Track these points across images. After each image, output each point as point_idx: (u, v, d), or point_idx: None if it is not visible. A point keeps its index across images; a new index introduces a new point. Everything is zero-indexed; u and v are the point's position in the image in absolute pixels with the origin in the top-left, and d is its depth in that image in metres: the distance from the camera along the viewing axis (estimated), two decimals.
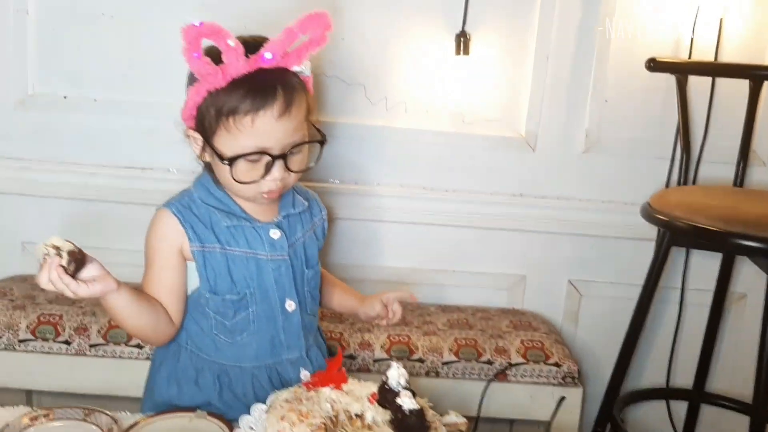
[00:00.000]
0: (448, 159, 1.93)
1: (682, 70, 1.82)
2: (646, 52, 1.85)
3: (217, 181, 1.21)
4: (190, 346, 1.24)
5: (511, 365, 1.22)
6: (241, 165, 1.14)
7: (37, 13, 1.81)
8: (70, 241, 1.06)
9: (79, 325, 1.66)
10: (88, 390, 1.68)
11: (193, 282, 1.21)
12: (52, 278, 1.03)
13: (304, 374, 1.25)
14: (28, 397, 1.88)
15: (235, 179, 1.15)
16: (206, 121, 1.15)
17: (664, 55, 1.87)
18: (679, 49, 1.88)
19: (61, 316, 1.67)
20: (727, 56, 1.89)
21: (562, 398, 1.66)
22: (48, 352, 1.65)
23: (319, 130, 1.21)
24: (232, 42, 1.09)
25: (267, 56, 1.11)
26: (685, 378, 2.02)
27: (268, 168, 1.14)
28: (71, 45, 1.83)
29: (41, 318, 1.66)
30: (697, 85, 1.89)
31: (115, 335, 1.66)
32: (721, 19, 1.86)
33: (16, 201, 1.88)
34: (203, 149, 1.19)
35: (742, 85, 1.79)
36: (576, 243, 1.98)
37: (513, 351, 1.73)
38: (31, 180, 1.87)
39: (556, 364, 1.72)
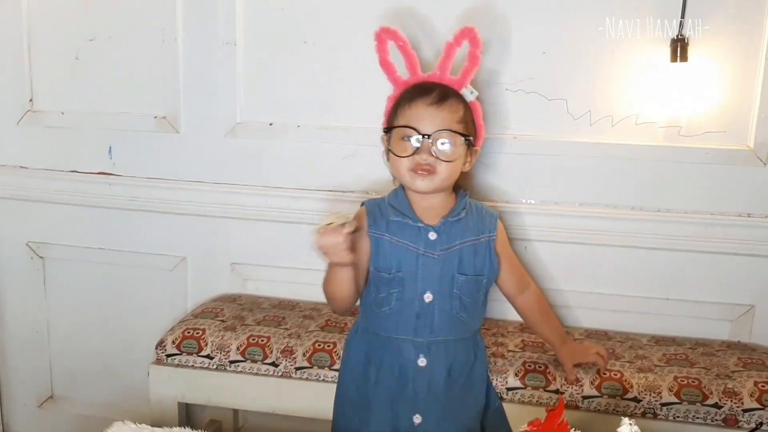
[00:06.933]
0: (662, 176, 1.76)
1: None
2: None
3: (402, 191, 1.49)
4: (360, 316, 1.54)
5: (760, 425, 1.04)
6: (396, 141, 1.42)
7: (244, 44, 1.89)
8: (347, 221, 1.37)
9: (285, 347, 1.70)
10: (292, 411, 1.71)
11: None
12: (333, 241, 1.33)
13: (421, 361, 1.44)
14: (235, 415, 1.97)
15: (391, 150, 1.43)
16: (389, 119, 1.49)
17: None
18: None
19: (268, 338, 1.72)
20: None
21: None
22: (256, 374, 1.70)
23: (468, 139, 1.44)
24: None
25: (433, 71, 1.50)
26: None
27: (416, 145, 1.40)
28: (275, 73, 1.89)
29: (250, 339, 1.72)
30: None
31: (319, 359, 1.68)
32: None
33: (226, 223, 1.98)
34: (386, 151, 1.48)
35: None
36: None
37: (746, 394, 1.53)
38: (240, 204, 1.95)
39: None
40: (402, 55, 1.51)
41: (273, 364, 1.69)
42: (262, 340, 1.72)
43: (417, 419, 1.45)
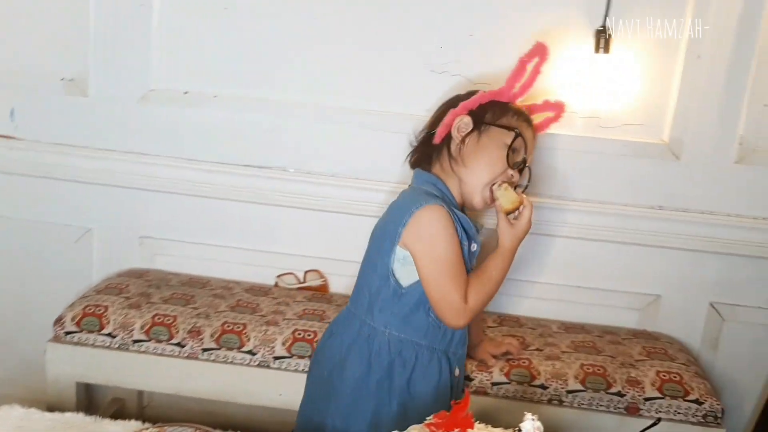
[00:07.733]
0: (581, 166, 1.77)
1: None
2: None
3: (449, 192, 1.44)
4: (390, 329, 1.40)
5: (659, 420, 1.07)
6: (500, 144, 1.41)
7: (160, 7, 1.79)
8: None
9: (192, 327, 1.64)
10: (199, 393, 1.66)
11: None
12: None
13: (456, 372, 1.44)
14: (139, 394, 1.90)
15: (490, 149, 1.41)
16: (490, 111, 1.45)
17: None
18: None
19: (175, 318, 1.66)
20: None
21: None
22: (161, 354, 1.63)
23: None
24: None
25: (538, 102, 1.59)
26: None
27: (512, 163, 1.42)
28: (193, 40, 1.81)
29: (156, 319, 1.65)
30: None
31: (227, 340, 1.62)
32: None
33: (136, 195, 1.89)
34: (467, 135, 1.43)
35: None
36: (721, 262, 1.78)
37: (647, 383, 1.57)
38: (151, 175, 1.86)
39: (697, 402, 1.54)
40: (530, 74, 1.50)
41: (179, 344, 1.63)
42: (168, 320, 1.65)
43: None
